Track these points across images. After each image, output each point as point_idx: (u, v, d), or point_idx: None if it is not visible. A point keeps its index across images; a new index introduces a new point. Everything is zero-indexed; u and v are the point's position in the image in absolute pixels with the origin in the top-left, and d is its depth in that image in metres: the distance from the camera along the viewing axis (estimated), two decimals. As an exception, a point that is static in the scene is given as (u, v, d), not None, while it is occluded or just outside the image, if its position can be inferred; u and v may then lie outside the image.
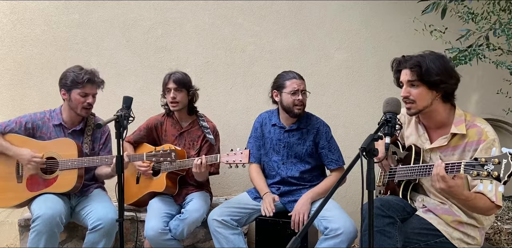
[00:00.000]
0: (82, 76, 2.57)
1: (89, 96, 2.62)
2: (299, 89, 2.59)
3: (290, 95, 2.59)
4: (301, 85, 2.61)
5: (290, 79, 2.61)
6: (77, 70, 2.61)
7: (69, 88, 2.60)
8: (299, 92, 2.59)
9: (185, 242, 2.88)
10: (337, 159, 2.67)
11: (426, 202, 2.15)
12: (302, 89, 2.61)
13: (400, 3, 3.53)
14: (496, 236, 2.88)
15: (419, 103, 2.02)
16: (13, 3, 3.41)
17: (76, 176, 2.59)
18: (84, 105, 2.62)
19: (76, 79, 2.57)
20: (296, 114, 2.62)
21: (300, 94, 2.59)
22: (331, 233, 2.34)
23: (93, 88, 2.64)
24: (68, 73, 2.61)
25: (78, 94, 2.60)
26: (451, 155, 2.05)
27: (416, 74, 1.98)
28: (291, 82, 2.61)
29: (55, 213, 2.41)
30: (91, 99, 2.63)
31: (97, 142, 2.78)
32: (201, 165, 2.54)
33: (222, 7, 3.52)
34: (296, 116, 2.64)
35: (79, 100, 2.61)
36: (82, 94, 2.60)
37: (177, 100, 2.78)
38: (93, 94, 2.65)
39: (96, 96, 2.69)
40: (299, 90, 2.59)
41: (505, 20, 2.59)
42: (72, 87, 2.59)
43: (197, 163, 2.54)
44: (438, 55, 2.03)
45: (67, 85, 2.59)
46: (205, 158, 2.56)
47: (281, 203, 2.66)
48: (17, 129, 2.65)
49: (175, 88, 2.77)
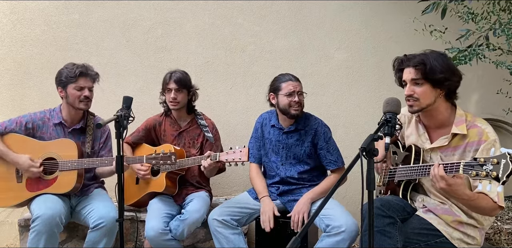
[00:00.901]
0: (74, 70, 2.60)
1: (85, 89, 2.63)
2: (295, 91, 2.59)
3: (286, 97, 2.59)
4: (297, 87, 2.61)
5: (286, 81, 2.61)
6: (70, 65, 2.65)
7: (64, 84, 2.63)
8: (295, 93, 2.59)
9: (185, 242, 2.88)
10: (335, 160, 2.66)
11: (426, 202, 2.15)
12: (298, 90, 2.60)
13: (400, 3, 3.53)
14: (496, 236, 2.88)
15: (423, 101, 2.02)
16: (13, 3, 3.41)
17: (76, 177, 2.58)
18: (80, 98, 2.63)
19: (69, 74, 2.60)
20: (293, 115, 2.61)
21: (297, 96, 2.59)
22: (333, 230, 2.34)
23: (88, 81, 2.65)
24: (61, 70, 2.65)
25: (74, 88, 2.61)
26: (451, 155, 2.05)
27: (421, 72, 1.98)
28: (287, 84, 2.60)
29: (54, 213, 2.41)
30: (87, 92, 2.64)
31: (97, 141, 2.78)
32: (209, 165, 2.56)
33: (222, 7, 3.53)
34: (293, 117, 2.63)
35: (75, 95, 2.62)
36: (77, 88, 2.61)
37: (178, 100, 2.79)
38: (88, 87, 2.65)
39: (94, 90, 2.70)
40: (295, 91, 2.59)
41: (505, 20, 2.59)
42: (67, 83, 2.61)
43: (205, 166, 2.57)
44: (440, 53, 2.04)
45: (62, 81, 2.62)
46: (206, 157, 2.56)
47: (281, 202, 2.66)
48: (17, 129, 2.65)
49: (176, 89, 2.77)
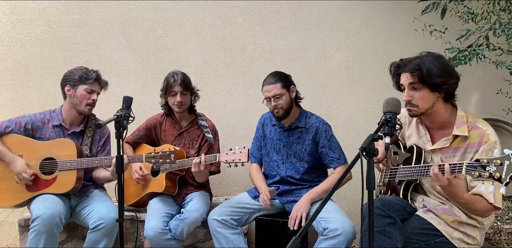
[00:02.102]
0: (91, 73, 2.66)
1: (94, 93, 2.67)
2: (270, 96, 2.58)
3: (267, 102, 2.62)
4: (271, 91, 2.58)
5: (264, 86, 2.63)
6: (84, 68, 2.70)
7: (75, 84, 2.64)
8: (271, 98, 2.58)
9: (185, 242, 2.88)
10: (338, 157, 2.65)
11: (427, 202, 2.15)
12: (272, 95, 2.58)
13: (400, 3, 3.53)
14: (496, 236, 2.88)
15: (421, 106, 2.01)
16: (13, 3, 3.41)
17: (75, 177, 2.58)
18: (88, 101, 2.65)
19: (85, 75, 2.64)
20: (277, 118, 2.64)
21: (273, 100, 2.58)
22: (330, 233, 2.34)
23: (99, 87, 2.70)
24: (75, 70, 2.68)
25: (85, 90, 2.63)
26: (452, 157, 2.04)
27: (418, 77, 1.97)
28: (264, 90, 2.63)
29: (54, 213, 2.40)
30: (95, 97, 2.68)
31: (96, 144, 2.78)
32: (200, 163, 2.55)
33: (222, 7, 3.53)
34: (278, 119, 2.66)
35: (84, 96, 2.64)
36: (88, 91, 2.64)
37: (183, 103, 2.79)
38: (97, 93, 2.70)
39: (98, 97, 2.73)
40: (270, 97, 2.58)
41: (505, 20, 2.59)
42: (79, 83, 2.63)
43: (196, 162, 2.55)
44: (436, 56, 2.01)
45: (74, 80, 2.64)
46: (204, 156, 2.56)
47: (280, 203, 2.66)
48: (16, 130, 2.65)
49: (182, 92, 2.76)
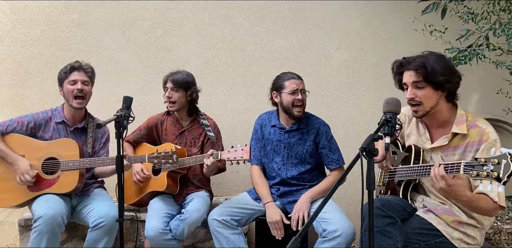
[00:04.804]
0: (67, 67, 2.67)
1: (78, 83, 2.63)
2: (298, 89, 2.60)
3: (289, 95, 2.59)
4: (300, 85, 2.62)
5: (289, 80, 2.62)
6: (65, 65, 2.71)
7: (61, 82, 2.68)
8: (299, 91, 2.60)
9: (185, 242, 2.88)
10: (337, 158, 2.68)
11: (426, 202, 2.15)
12: (301, 88, 2.62)
13: (400, 3, 3.53)
14: (496, 236, 2.89)
15: (426, 105, 2.02)
16: (13, 3, 3.41)
17: (78, 177, 2.58)
18: (74, 93, 2.62)
19: (63, 70, 2.67)
20: (295, 116, 2.62)
21: (300, 94, 2.60)
22: (329, 235, 2.34)
23: (80, 75, 2.65)
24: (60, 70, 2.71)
25: (68, 83, 2.64)
26: (451, 155, 2.05)
27: (422, 75, 1.97)
28: (290, 82, 2.61)
29: (56, 213, 2.40)
30: (80, 85, 2.62)
31: (98, 141, 2.80)
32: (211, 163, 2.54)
33: (222, 7, 3.52)
34: (295, 118, 2.64)
35: (70, 90, 2.63)
36: (71, 83, 2.63)
37: (173, 100, 2.79)
38: (82, 81, 2.64)
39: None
40: (299, 89, 2.60)
41: (505, 20, 2.59)
42: (62, 80, 2.66)
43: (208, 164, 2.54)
44: (438, 55, 2.03)
45: (59, 79, 2.68)
46: (208, 156, 2.56)
47: (281, 203, 2.66)
48: (18, 129, 2.65)
49: (172, 88, 2.78)
